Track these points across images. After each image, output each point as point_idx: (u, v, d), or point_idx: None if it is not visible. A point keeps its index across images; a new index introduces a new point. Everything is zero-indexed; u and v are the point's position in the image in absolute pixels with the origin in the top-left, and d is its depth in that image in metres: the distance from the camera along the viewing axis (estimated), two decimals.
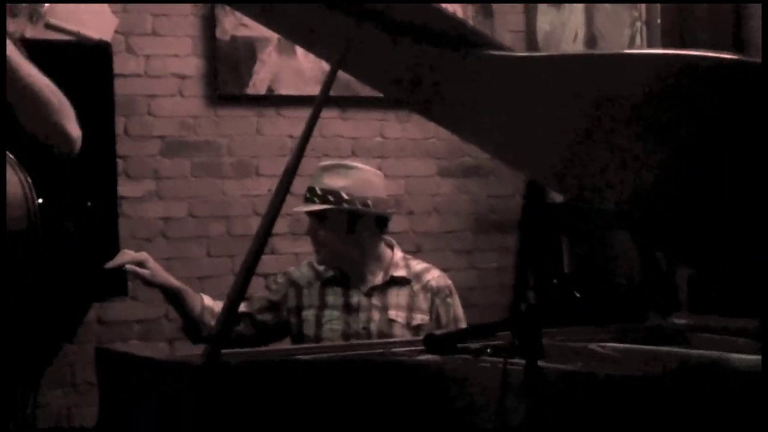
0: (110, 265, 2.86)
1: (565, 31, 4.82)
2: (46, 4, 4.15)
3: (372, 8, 1.93)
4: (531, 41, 5.00)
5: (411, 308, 3.06)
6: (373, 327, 3.03)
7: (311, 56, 4.30)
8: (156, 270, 2.92)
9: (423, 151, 4.84)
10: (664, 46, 4.11)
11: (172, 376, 2.01)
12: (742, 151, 1.70)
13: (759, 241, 1.92)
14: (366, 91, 3.67)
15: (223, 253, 4.50)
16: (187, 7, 4.51)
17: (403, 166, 4.81)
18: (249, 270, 2.02)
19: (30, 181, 2.26)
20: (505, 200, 4.91)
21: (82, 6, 4.22)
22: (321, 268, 3.10)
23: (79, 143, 2.38)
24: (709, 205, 1.91)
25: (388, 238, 3.15)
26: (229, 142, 4.55)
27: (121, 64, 4.33)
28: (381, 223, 3.07)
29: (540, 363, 1.77)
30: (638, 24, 4.37)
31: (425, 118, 2.52)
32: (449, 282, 3.13)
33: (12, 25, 3.96)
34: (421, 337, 2.22)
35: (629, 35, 4.41)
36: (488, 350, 2.10)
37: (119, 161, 4.28)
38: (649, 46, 4.21)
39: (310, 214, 3.04)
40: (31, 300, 2.27)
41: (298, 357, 2.34)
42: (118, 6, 4.35)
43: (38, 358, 3.56)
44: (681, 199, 1.95)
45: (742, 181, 1.78)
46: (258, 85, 4.56)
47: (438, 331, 2.87)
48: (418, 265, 3.14)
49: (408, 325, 3.03)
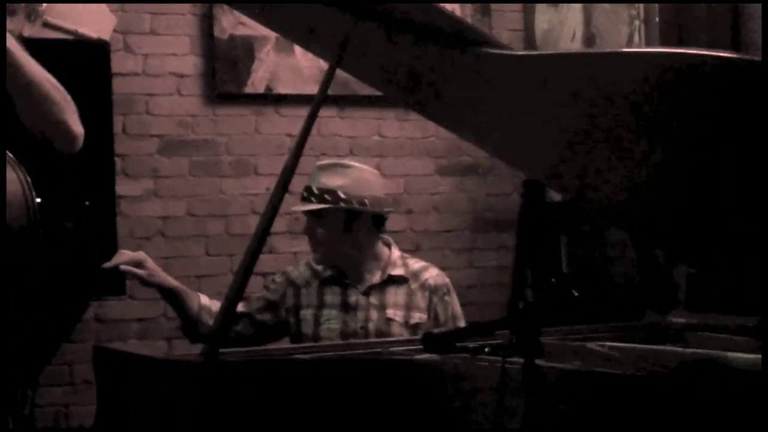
0: (108, 265, 2.86)
1: (563, 30, 4.81)
2: (44, 3, 4.14)
3: (370, 6, 1.93)
4: (529, 40, 5.00)
5: (409, 307, 3.05)
6: (371, 326, 3.02)
7: (309, 55, 4.30)
8: (153, 270, 2.91)
9: (421, 149, 4.84)
10: (663, 45, 4.11)
11: (170, 374, 2.01)
12: (741, 149, 1.70)
13: (758, 239, 1.92)
14: (364, 90, 3.66)
15: (222, 252, 4.50)
16: (185, 6, 4.50)
17: (402, 165, 4.81)
18: (247, 269, 2.03)
19: (29, 180, 2.25)
20: (504, 199, 4.91)
21: (80, 5, 4.22)
22: (319, 268, 3.10)
23: (81, 141, 2.36)
24: (707, 204, 1.90)
25: (385, 236, 3.15)
26: (228, 141, 4.55)
27: (120, 62, 4.32)
28: (378, 222, 3.07)
29: (538, 362, 1.77)
30: (636, 23, 4.37)
31: (424, 116, 2.52)
32: (447, 280, 3.13)
33: (10, 24, 3.95)
34: (419, 336, 2.21)
35: (627, 34, 4.41)
36: (487, 349, 2.10)
37: (117, 160, 4.28)
38: (648, 45, 4.21)
39: (308, 213, 3.04)
40: (31, 299, 2.26)
41: (297, 356, 2.34)
42: (116, 5, 4.35)
43: (37, 357, 3.56)
44: (679, 198, 1.95)
45: (741, 180, 1.78)
46: (256, 83, 4.55)
47: (436, 330, 2.87)
48: (415, 264, 3.14)
49: (406, 324, 3.03)
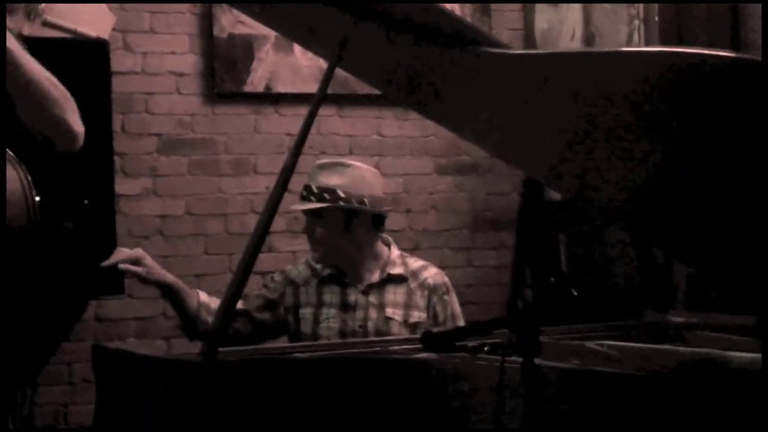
0: (106, 263, 2.86)
1: (562, 29, 4.81)
2: (44, 2, 4.14)
3: (370, 6, 1.93)
4: (529, 39, 5.00)
5: (408, 306, 3.05)
6: (370, 325, 3.02)
7: (309, 54, 4.30)
8: (152, 267, 2.91)
9: (421, 148, 4.84)
10: (662, 45, 4.11)
11: (169, 373, 2.01)
12: (741, 149, 1.70)
13: (757, 238, 1.92)
14: (364, 89, 3.67)
15: (221, 251, 4.50)
16: (185, 5, 4.50)
17: (401, 164, 4.81)
18: (246, 268, 2.03)
19: (29, 178, 2.25)
20: (503, 198, 4.91)
21: (80, 4, 4.22)
22: (318, 266, 3.10)
23: (81, 139, 2.36)
24: (707, 203, 1.90)
25: (384, 236, 3.15)
26: (227, 140, 4.55)
27: (119, 61, 4.32)
28: (377, 221, 3.07)
29: (537, 361, 1.77)
30: (636, 22, 4.36)
31: (424, 116, 2.52)
32: (446, 279, 3.13)
33: (10, 23, 3.92)
34: (418, 335, 2.21)
35: (627, 33, 4.41)
36: (486, 348, 2.10)
37: (116, 159, 4.28)
38: (647, 45, 4.21)
39: (307, 212, 3.04)
40: (30, 298, 2.26)
41: (295, 355, 2.34)
42: (116, 4, 4.35)
43: (36, 356, 3.56)
44: (679, 197, 1.95)
45: (741, 180, 1.78)
46: (255, 82, 4.55)
47: (435, 329, 2.87)
48: (415, 263, 3.14)
49: (405, 323, 3.03)
